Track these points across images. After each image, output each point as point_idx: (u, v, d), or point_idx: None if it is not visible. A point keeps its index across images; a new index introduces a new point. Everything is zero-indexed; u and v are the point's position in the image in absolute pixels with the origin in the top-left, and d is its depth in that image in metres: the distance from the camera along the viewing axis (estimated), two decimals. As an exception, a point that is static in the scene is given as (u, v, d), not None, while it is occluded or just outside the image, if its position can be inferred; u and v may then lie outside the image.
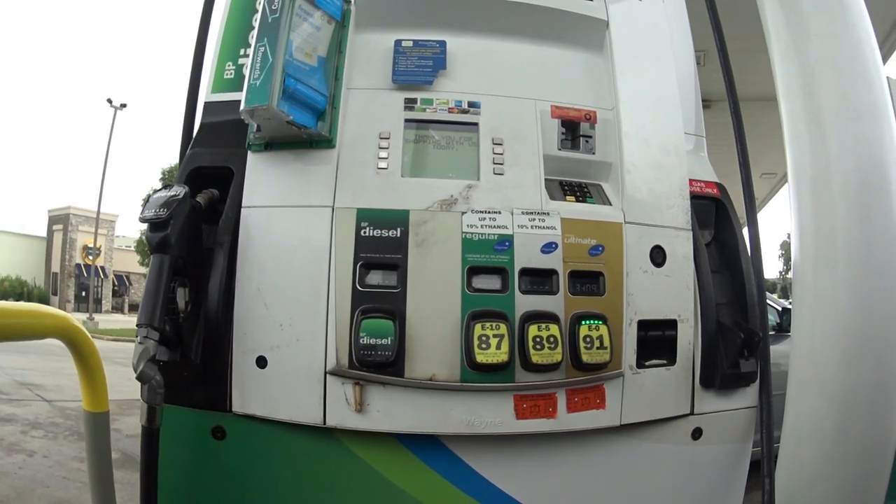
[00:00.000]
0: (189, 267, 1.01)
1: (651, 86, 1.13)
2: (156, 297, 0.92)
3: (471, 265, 0.97)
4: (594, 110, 1.10)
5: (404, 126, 1.04)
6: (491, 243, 0.97)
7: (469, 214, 0.98)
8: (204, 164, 1.11)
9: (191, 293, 1.03)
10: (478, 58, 1.11)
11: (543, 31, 1.14)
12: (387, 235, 0.97)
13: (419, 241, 0.97)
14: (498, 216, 0.98)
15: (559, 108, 1.08)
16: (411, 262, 0.96)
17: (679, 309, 1.09)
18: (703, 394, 1.13)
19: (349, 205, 0.99)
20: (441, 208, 0.98)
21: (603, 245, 1.02)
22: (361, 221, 0.98)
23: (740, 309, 1.18)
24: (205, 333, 1.00)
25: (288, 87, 0.96)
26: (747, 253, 1.19)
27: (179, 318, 1.00)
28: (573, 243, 1.00)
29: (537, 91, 1.10)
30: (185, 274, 1.02)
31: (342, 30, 1.10)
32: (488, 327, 0.94)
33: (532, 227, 0.99)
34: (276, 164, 1.05)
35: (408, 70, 1.07)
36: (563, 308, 0.98)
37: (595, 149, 1.09)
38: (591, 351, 0.97)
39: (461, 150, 1.04)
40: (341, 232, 0.99)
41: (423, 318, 0.95)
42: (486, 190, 1.00)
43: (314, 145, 1.02)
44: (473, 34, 1.12)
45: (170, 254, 0.95)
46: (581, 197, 1.05)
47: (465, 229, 0.97)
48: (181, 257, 0.98)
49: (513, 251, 0.98)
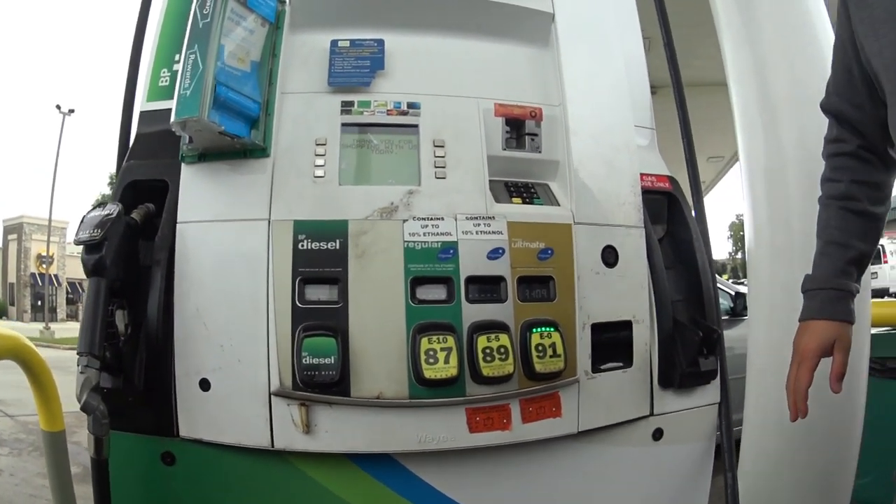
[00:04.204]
0: (127, 288, 0.97)
1: (599, 80, 1.09)
2: (94, 324, 0.89)
3: (414, 276, 0.93)
4: (539, 107, 1.06)
5: (341, 131, 0.99)
6: (434, 251, 0.93)
7: (411, 222, 0.94)
8: (139, 177, 1.05)
9: (130, 315, 0.99)
10: (418, 56, 1.06)
11: (486, 27, 1.09)
12: (325, 248, 0.93)
13: (359, 253, 0.93)
14: (441, 223, 0.94)
15: (503, 106, 1.03)
16: (352, 275, 0.92)
17: (634, 309, 1.06)
18: (663, 394, 1.11)
19: (285, 217, 0.94)
20: (381, 217, 0.94)
21: (552, 248, 0.98)
22: (299, 234, 0.93)
23: (696, 305, 1.16)
24: (146, 357, 0.96)
25: (219, 95, 0.91)
26: (702, 247, 1.16)
27: (119, 343, 0.96)
28: (521, 248, 0.96)
29: (480, 89, 1.05)
30: (124, 295, 0.97)
31: (276, 32, 1.04)
32: (435, 340, 0.90)
33: (477, 233, 0.95)
34: (211, 176, 1.00)
35: (344, 71, 1.02)
36: (513, 316, 0.95)
37: (541, 147, 1.05)
38: (545, 360, 0.94)
39: (401, 154, 1.00)
40: (279, 246, 0.94)
41: (367, 334, 0.91)
42: (427, 195, 0.96)
43: (248, 155, 0.97)
44: (414, 32, 1.07)
45: (106, 276, 0.91)
46: (528, 198, 1.01)
47: (406, 238, 0.93)
48: (118, 279, 0.93)
49: (458, 259, 0.94)
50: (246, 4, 1.00)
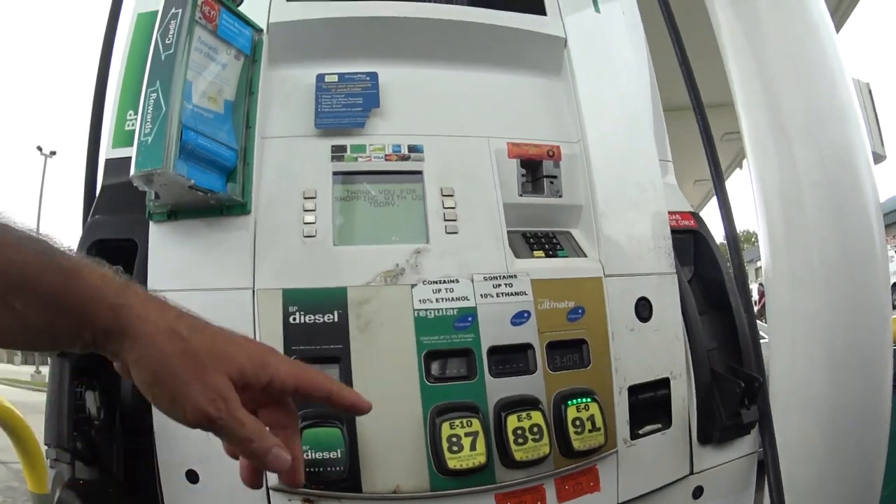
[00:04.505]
0: (96, 366, 0.82)
1: (619, 110, 0.97)
2: (60, 411, 0.78)
3: (428, 349, 0.79)
4: (557, 145, 0.94)
5: (333, 180, 0.85)
6: (450, 320, 0.80)
7: (420, 287, 0.80)
8: (105, 235, 0.91)
9: (102, 397, 0.85)
10: (418, 91, 0.93)
11: (492, 55, 0.97)
12: (322, 321, 0.79)
13: (362, 326, 0.79)
14: (456, 286, 0.81)
15: (517, 146, 0.91)
16: (355, 352, 0.78)
17: (671, 365, 0.94)
18: (702, 450, 1.01)
19: (272, 285, 0.80)
20: (385, 282, 0.80)
21: (583, 307, 0.86)
22: (289, 305, 0.79)
23: (734, 351, 1.05)
24: (124, 444, 0.83)
25: (187, 142, 0.77)
26: (734, 288, 1.06)
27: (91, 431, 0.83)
28: (548, 309, 0.84)
29: (490, 127, 0.92)
30: (93, 375, 0.84)
31: (253, 66, 0.90)
32: (458, 424, 0.77)
33: (498, 295, 0.82)
34: (184, 237, 0.85)
35: (333, 111, 0.88)
36: (545, 388, 0.82)
37: (562, 190, 0.93)
38: (583, 435, 0.81)
39: (405, 206, 0.86)
40: (267, 320, 0.80)
41: (378, 421, 0.77)
42: (438, 254, 0.83)
43: (225, 212, 0.83)
44: (411, 63, 0.94)
45: (69, 357, 0.80)
46: (551, 251, 0.89)
47: (417, 306, 0.80)
48: (83, 357, 0.79)
49: (478, 327, 0.81)
50: (217, 33, 0.86)
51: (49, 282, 0.40)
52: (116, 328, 0.42)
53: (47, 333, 0.42)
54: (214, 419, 0.44)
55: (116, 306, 0.42)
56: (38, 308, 0.40)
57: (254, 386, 0.47)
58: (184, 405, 0.43)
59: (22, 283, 0.39)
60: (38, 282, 0.40)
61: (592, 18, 1.01)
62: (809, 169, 1.24)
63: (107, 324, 0.42)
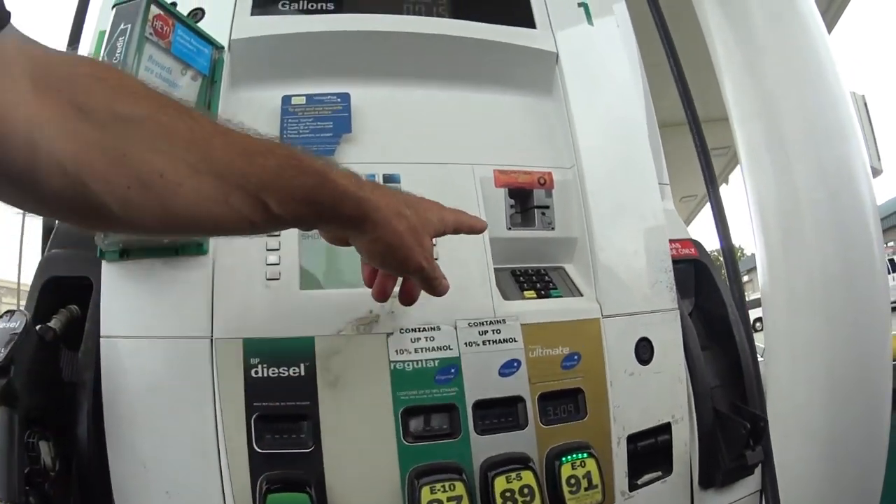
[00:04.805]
0: (49, 413, 0.76)
1: (616, 131, 0.89)
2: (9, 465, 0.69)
3: (406, 405, 0.71)
4: (549, 171, 0.85)
5: None
6: (431, 373, 0.72)
7: (397, 336, 0.72)
8: (60, 273, 0.83)
9: (56, 447, 0.77)
10: (394, 113, 0.84)
11: (477, 72, 0.88)
12: (287, 375, 0.71)
13: (332, 381, 0.71)
14: (437, 334, 0.73)
15: (505, 174, 0.83)
16: (324, 409, 0.70)
17: (672, 408, 0.87)
18: (703, 494, 0.93)
19: (232, 334, 0.72)
20: (358, 330, 0.72)
21: (578, 352, 0.78)
22: (251, 357, 0.71)
23: (737, 388, 0.98)
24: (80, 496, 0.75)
25: None
26: (738, 320, 0.99)
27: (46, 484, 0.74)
28: (540, 356, 0.76)
29: (475, 153, 0.84)
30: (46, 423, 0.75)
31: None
32: (440, 488, 0.68)
33: (484, 343, 0.74)
34: (138, 278, 0.76)
35: (301, 136, 0.79)
36: (536, 445, 0.74)
37: (554, 222, 0.85)
38: (579, 495, 0.73)
39: None
40: (226, 372, 0.72)
41: (350, 485, 0.69)
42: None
43: (180, 251, 0.74)
44: (386, 82, 0.85)
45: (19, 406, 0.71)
46: (544, 290, 0.81)
47: (393, 357, 0.72)
48: (36, 406, 0.73)
49: (461, 379, 0.73)
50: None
51: (302, 183, 0.49)
52: (360, 216, 0.53)
53: (292, 223, 0.52)
54: (426, 269, 0.60)
55: (359, 200, 0.52)
56: (289, 204, 0.49)
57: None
58: (409, 263, 0.58)
59: (275, 185, 0.48)
60: (292, 184, 0.49)
61: (586, 32, 0.92)
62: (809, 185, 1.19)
63: (352, 213, 0.53)
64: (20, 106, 0.38)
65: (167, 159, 0.43)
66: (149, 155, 0.43)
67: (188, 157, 0.44)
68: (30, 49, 0.40)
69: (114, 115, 0.42)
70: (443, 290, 0.64)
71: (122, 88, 0.44)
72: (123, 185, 0.42)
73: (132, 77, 0.47)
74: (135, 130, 0.43)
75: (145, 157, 0.43)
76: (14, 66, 0.38)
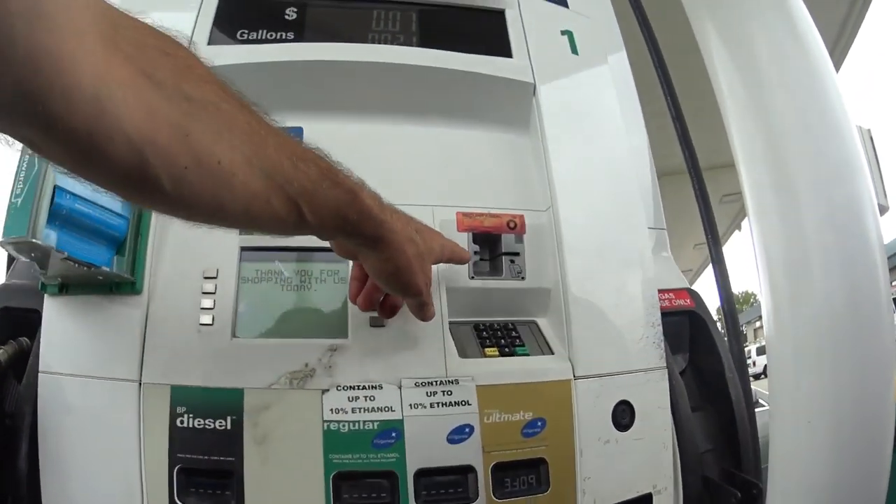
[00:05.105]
0: None
1: (601, 171, 0.80)
2: None
3: (339, 470, 0.63)
4: (521, 214, 0.77)
5: (241, 258, 0.71)
6: (368, 435, 0.64)
7: (333, 393, 0.65)
8: (13, 303, 0.80)
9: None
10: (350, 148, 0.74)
11: (445, 105, 0.82)
12: (213, 427, 0.64)
13: (259, 437, 0.64)
14: (378, 393, 0.65)
15: (469, 217, 0.75)
16: (249, 467, 0.63)
17: (653, 477, 0.76)
18: (686, 575, 0.82)
19: (161, 380, 0.67)
20: (291, 385, 0.65)
21: (543, 418, 0.69)
22: (178, 405, 0.66)
23: (730, 452, 0.86)
24: None
25: (60, 206, 0.64)
26: (735, 378, 0.87)
27: None
28: (497, 422, 0.67)
29: (436, 192, 0.77)
30: None
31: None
32: (370, 569, 0.61)
33: (433, 406, 0.66)
34: (76, 314, 0.73)
35: (254, 170, 0.75)
36: (487, 523, 0.65)
37: (525, 271, 0.76)
38: (533, 584, 0.64)
39: (324, 291, 0.71)
40: (152, 420, 0.66)
41: (272, 558, 0.62)
42: (358, 352, 0.67)
43: (115, 290, 0.70)
44: (346, 115, 0.80)
45: None
46: (508, 347, 0.72)
47: (327, 416, 0.64)
48: None
49: (403, 445, 0.64)
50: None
51: (335, 196, 0.51)
52: (378, 236, 0.56)
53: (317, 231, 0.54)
54: (423, 294, 0.63)
55: (380, 222, 0.55)
56: (320, 213, 0.51)
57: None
58: (410, 288, 0.61)
59: (313, 193, 0.50)
60: (327, 195, 0.51)
61: (569, 62, 0.85)
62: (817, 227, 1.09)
63: (372, 233, 0.55)
64: (88, 60, 0.35)
65: (226, 148, 0.44)
66: (211, 139, 0.43)
67: (245, 149, 0.45)
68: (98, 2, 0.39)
69: (181, 94, 0.41)
70: (430, 315, 0.67)
71: (189, 69, 0.44)
72: (181, 165, 0.41)
73: (197, 58, 0.46)
74: (200, 112, 0.43)
75: (208, 141, 0.43)
76: (82, 16, 0.36)
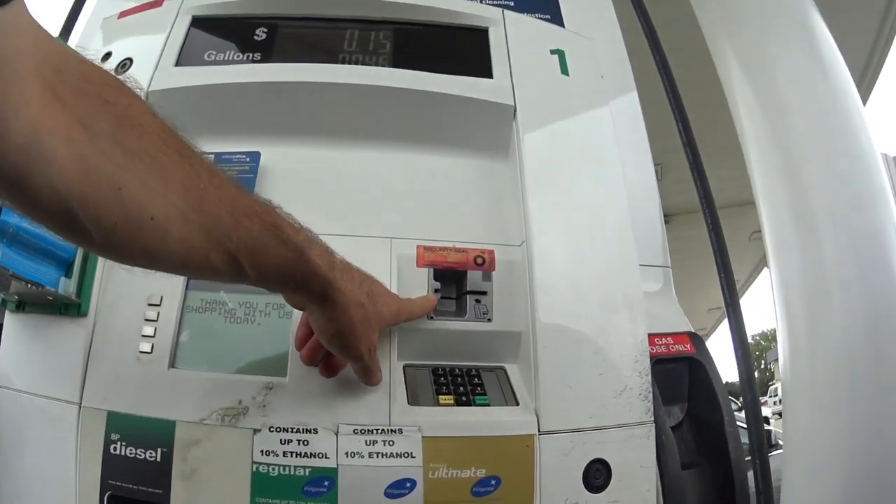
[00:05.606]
0: None
1: (585, 204, 0.73)
2: None
3: (266, 517, 0.59)
4: (490, 249, 0.71)
5: (187, 285, 0.68)
6: (299, 482, 0.59)
7: (265, 434, 0.60)
8: None
9: None
10: (305, 174, 0.75)
11: (414, 127, 0.77)
12: (143, 457, 0.61)
13: (187, 472, 0.60)
14: (312, 437, 0.60)
15: (431, 251, 0.69)
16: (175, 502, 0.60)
17: (631, 545, 0.68)
18: None
19: (99, 404, 0.65)
20: (223, 421, 0.61)
21: (498, 476, 0.62)
22: (112, 432, 0.63)
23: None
24: None
25: (6, 224, 0.64)
26: (735, 432, 0.78)
27: None
28: (444, 478, 0.61)
29: (396, 223, 0.72)
30: None
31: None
32: None
33: (371, 455, 0.60)
34: (29, 332, 0.73)
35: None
36: None
37: (492, 312, 0.69)
38: None
39: (268, 325, 0.67)
40: (88, 444, 0.64)
41: None
42: (296, 393, 0.62)
43: (63, 311, 0.69)
44: (305, 138, 0.76)
45: None
46: (467, 395, 0.65)
47: (257, 458, 0.60)
48: None
49: (335, 495, 0.59)
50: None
51: (279, 254, 0.50)
52: (323, 295, 0.54)
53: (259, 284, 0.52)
54: (365, 359, 0.59)
55: (327, 282, 0.53)
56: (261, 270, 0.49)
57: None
58: (351, 351, 0.58)
59: (254, 250, 0.48)
60: (269, 253, 0.49)
61: (557, 83, 0.78)
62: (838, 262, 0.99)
63: (318, 290, 0.53)
64: (23, 109, 0.35)
65: (160, 203, 0.42)
66: (145, 194, 0.42)
67: (181, 204, 0.43)
68: (46, 46, 0.38)
69: (117, 145, 0.40)
70: (376, 381, 0.63)
71: (129, 119, 0.42)
72: (112, 220, 0.41)
73: (141, 103, 0.45)
74: (135, 165, 0.41)
75: (141, 196, 0.41)
76: (25, 64, 0.36)
